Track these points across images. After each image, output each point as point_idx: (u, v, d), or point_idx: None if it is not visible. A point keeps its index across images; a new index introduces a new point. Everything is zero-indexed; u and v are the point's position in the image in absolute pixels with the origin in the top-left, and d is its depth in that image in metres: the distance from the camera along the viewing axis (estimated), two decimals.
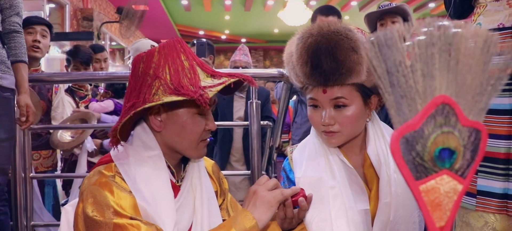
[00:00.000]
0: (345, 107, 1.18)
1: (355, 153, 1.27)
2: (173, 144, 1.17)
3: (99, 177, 1.10)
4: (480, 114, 0.58)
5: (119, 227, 1.02)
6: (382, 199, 1.19)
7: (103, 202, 1.04)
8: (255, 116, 2.36)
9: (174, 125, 1.15)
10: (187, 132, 1.15)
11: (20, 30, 2.22)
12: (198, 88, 1.07)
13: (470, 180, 0.59)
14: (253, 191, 1.13)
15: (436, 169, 0.56)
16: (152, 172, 1.13)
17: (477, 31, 0.56)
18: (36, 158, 2.99)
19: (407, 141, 0.55)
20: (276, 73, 2.44)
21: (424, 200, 0.56)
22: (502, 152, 1.62)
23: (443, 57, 0.55)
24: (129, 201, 1.07)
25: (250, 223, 1.06)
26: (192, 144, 1.17)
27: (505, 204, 1.64)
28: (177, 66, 1.10)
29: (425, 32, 0.55)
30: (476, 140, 0.58)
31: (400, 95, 0.55)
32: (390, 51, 0.54)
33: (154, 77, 1.09)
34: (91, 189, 1.08)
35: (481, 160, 1.68)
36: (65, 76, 2.81)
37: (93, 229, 1.03)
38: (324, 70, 1.13)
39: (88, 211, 1.04)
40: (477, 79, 0.57)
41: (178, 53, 1.12)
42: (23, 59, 2.20)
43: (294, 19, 9.43)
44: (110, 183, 1.08)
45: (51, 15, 7.23)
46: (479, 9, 1.71)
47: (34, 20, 2.88)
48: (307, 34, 1.17)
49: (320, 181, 1.23)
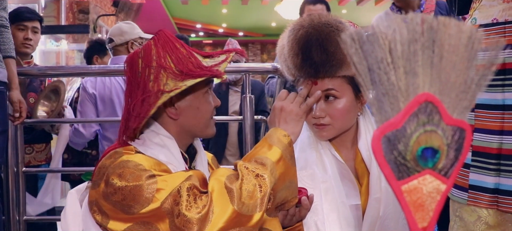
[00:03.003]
0: (336, 99, 1.18)
1: (347, 147, 1.27)
2: (191, 127, 1.20)
3: (122, 154, 1.11)
4: (464, 113, 0.57)
5: (164, 181, 1.03)
6: (372, 194, 1.20)
7: (137, 168, 1.05)
8: (249, 110, 2.35)
9: (189, 109, 1.18)
10: (202, 112, 1.19)
11: (7, 24, 2.20)
12: (204, 67, 1.12)
13: (454, 180, 0.57)
14: (280, 108, 1.16)
15: (419, 168, 0.55)
16: (170, 155, 1.15)
17: (461, 27, 0.55)
18: (28, 151, 2.97)
19: (389, 140, 0.54)
20: (270, 67, 2.44)
21: (406, 201, 0.55)
22: (494, 147, 1.62)
23: (427, 54, 0.54)
24: (162, 166, 1.09)
25: (287, 139, 1.11)
26: (207, 122, 1.22)
27: (495, 199, 1.64)
28: (177, 54, 1.13)
29: (408, 28, 0.53)
30: (460, 139, 0.56)
31: (382, 93, 0.54)
32: (371, 47, 0.53)
33: (159, 68, 1.11)
34: (117, 164, 1.07)
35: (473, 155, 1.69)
36: (57, 70, 2.79)
37: (134, 196, 1.02)
38: (315, 61, 1.14)
39: (120, 184, 1.03)
40: (461, 77, 0.55)
41: (173, 42, 1.15)
42: (12, 54, 2.18)
43: (291, 12, 9.37)
44: (137, 155, 1.10)
45: (46, 7, 7.17)
46: (475, 4, 1.71)
47: (25, 17, 2.84)
48: (298, 26, 1.18)
49: (311, 175, 1.23)
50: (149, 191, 1.02)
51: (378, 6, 10.70)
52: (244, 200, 1.02)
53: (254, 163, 1.09)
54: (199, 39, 15.71)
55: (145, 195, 1.01)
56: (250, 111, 2.35)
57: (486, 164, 1.63)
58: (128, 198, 1.02)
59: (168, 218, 1.02)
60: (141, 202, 1.01)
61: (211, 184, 1.05)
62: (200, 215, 1.00)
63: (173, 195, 1.02)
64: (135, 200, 1.02)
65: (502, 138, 1.59)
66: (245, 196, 1.02)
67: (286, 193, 1.11)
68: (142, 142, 1.16)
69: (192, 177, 1.06)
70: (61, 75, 2.87)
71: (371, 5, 10.92)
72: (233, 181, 1.05)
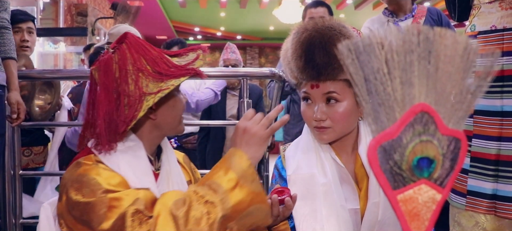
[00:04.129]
0: (337, 102, 1.19)
1: (347, 152, 1.28)
2: (166, 126, 1.21)
3: (81, 166, 1.09)
4: (460, 123, 0.57)
5: (115, 199, 1.01)
6: (371, 198, 1.20)
7: (91, 183, 1.03)
8: None
9: (167, 108, 1.19)
10: (177, 110, 1.21)
11: (9, 26, 2.20)
12: (180, 67, 1.14)
13: (449, 190, 0.58)
14: (243, 129, 1.11)
15: (414, 178, 0.55)
16: (133, 160, 1.13)
17: (456, 38, 0.55)
18: (27, 154, 2.96)
19: (385, 150, 0.54)
20: (268, 72, 2.44)
21: (402, 210, 0.55)
22: (493, 153, 1.63)
23: (422, 64, 0.54)
24: (117, 178, 1.07)
25: (246, 163, 1.05)
26: (180, 119, 1.24)
27: (493, 204, 1.65)
28: (150, 55, 1.13)
29: (404, 38, 0.53)
30: (455, 149, 0.57)
31: (378, 103, 0.54)
32: (368, 58, 0.53)
33: (136, 71, 1.10)
34: (75, 177, 1.06)
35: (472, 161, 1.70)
36: (56, 73, 2.79)
37: (88, 213, 1.00)
38: (317, 64, 1.15)
39: (77, 198, 1.02)
40: (457, 87, 0.56)
41: (144, 44, 1.15)
42: (12, 55, 2.18)
43: (289, 16, 9.40)
44: (95, 166, 1.08)
45: (45, 10, 7.18)
46: (474, 10, 1.73)
47: (18, 18, 2.83)
48: (302, 29, 1.19)
49: (312, 178, 1.23)
50: (102, 208, 1.00)
51: (376, 10, 10.74)
52: (190, 227, 0.98)
53: (206, 187, 1.04)
54: (197, 43, 15.72)
55: (98, 212, 1.00)
56: None
57: (484, 169, 1.64)
58: (85, 213, 1.01)
59: None
60: (96, 218, 1.00)
61: (157, 209, 1.01)
62: None
63: (120, 217, 0.99)
64: (91, 216, 1.00)
65: (501, 144, 1.60)
66: (192, 223, 0.98)
67: (253, 219, 1.07)
68: None
69: (138, 200, 1.02)
70: (59, 78, 2.87)
71: (369, 9, 10.96)
72: (180, 206, 1.01)
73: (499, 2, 1.60)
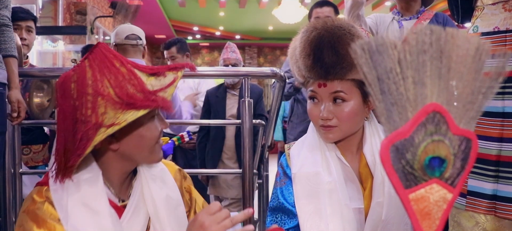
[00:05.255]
0: (344, 102, 1.19)
1: (352, 152, 1.28)
2: (132, 156, 1.08)
3: (29, 203, 1.03)
4: (471, 123, 0.57)
5: None
6: (375, 198, 1.20)
7: (26, 227, 1.00)
8: (247, 114, 2.35)
9: (132, 138, 1.05)
10: (146, 140, 1.07)
11: (9, 23, 2.19)
12: (148, 93, 0.99)
13: (460, 189, 0.58)
14: (201, 224, 1.01)
15: (426, 177, 0.56)
16: (88, 196, 1.03)
17: (468, 38, 0.55)
18: (26, 152, 2.96)
19: (397, 149, 0.54)
20: (269, 72, 2.43)
21: (413, 209, 0.56)
22: (493, 153, 1.64)
23: (435, 64, 0.54)
24: (57, 230, 1.00)
25: None
26: (152, 149, 1.09)
27: (493, 205, 1.65)
28: (116, 75, 0.98)
29: (417, 39, 0.54)
30: (466, 149, 0.57)
31: (391, 102, 0.54)
32: (381, 57, 0.54)
33: (96, 95, 0.96)
34: (21, 216, 1.03)
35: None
36: (57, 71, 2.77)
37: None
38: (326, 63, 1.16)
39: None
40: (469, 87, 0.56)
41: (111, 61, 1.00)
42: (13, 53, 2.17)
43: (289, 17, 9.41)
44: (36, 212, 1.01)
45: (44, 8, 7.16)
46: (477, 12, 1.74)
47: (19, 16, 2.83)
48: (311, 28, 1.20)
49: (317, 176, 1.24)
50: None
51: (376, 11, 10.75)
52: None
53: None
54: (196, 42, 15.71)
55: None
56: (249, 115, 2.35)
57: (485, 170, 1.65)
58: None
59: None
60: None
61: None
62: None
63: None
64: None
65: (501, 145, 1.61)
66: None
67: None
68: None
69: None
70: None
71: (368, 10, 10.97)
72: None
73: (502, 4, 1.61)
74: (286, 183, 1.31)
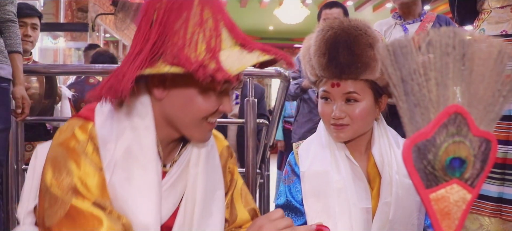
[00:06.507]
0: (356, 102, 1.21)
1: (361, 152, 1.30)
2: (173, 118, 0.95)
3: (69, 137, 0.90)
4: (491, 125, 0.58)
5: (77, 211, 0.84)
6: (382, 198, 1.21)
7: (64, 172, 0.87)
8: (251, 114, 2.35)
9: (179, 96, 0.92)
10: (193, 108, 0.92)
11: (15, 19, 2.19)
12: (211, 58, 0.83)
13: (479, 190, 0.59)
14: (259, 226, 0.94)
15: (447, 178, 0.56)
16: (136, 146, 0.92)
17: (491, 41, 0.56)
18: (28, 149, 2.96)
19: (419, 149, 0.55)
20: (273, 72, 2.44)
21: (433, 209, 0.56)
22: (499, 156, 1.64)
23: (457, 67, 0.55)
24: (96, 179, 0.89)
25: None
26: (196, 122, 0.94)
27: (499, 207, 1.66)
28: (195, 24, 0.86)
29: (441, 41, 0.55)
30: (486, 150, 0.58)
31: (414, 103, 0.55)
32: (405, 59, 0.54)
33: (168, 34, 0.86)
34: (56, 150, 0.90)
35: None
36: (61, 68, 2.78)
37: (49, 201, 0.86)
38: (341, 62, 1.17)
39: (47, 179, 0.87)
40: (490, 90, 0.57)
41: (203, 6, 0.88)
42: (18, 49, 2.17)
43: (290, 17, 9.41)
44: (79, 152, 0.89)
45: (45, 5, 7.14)
46: (483, 15, 1.74)
47: (24, 13, 2.82)
48: (328, 27, 1.21)
49: (325, 174, 1.25)
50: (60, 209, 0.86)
51: (376, 12, 10.76)
52: None
53: None
54: None
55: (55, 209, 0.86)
56: (253, 115, 2.35)
57: (490, 172, 1.66)
58: (46, 199, 0.89)
59: None
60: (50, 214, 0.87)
61: None
62: None
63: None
64: (47, 207, 0.87)
65: (507, 148, 1.61)
66: None
67: None
68: (111, 118, 0.94)
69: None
70: (64, 73, 2.86)
71: (369, 11, 10.98)
72: None
73: (510, 7, 1.61)
74: (294, 181, 1.32)
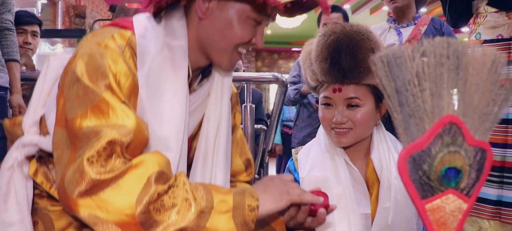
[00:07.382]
0: (358, 107, 1.21)
1: (360, 157, 1.30)
2: (208, 41, 0.98)
3: (108, 38, 0.90)
4: (486, 134, 0.58)
5: (106, 104, 0.83)
6: (381, 203, 1.21)
7: (100, 66, 0.85)
8: (250, 119, 2.35)
9: (220, 18, 0.95)
10: (231, 32, 0.95)
11: (12, 28, 2.19)
12: None
13: (475, 199, 0.59)
14: (271, 177, 0.98)
15: (442, 188, 0.56)
16: (169, 65, 0.94)
17: (485, 51, 0.56)
18: None
19: (414, 160, 0.55)
20: (271, 77, 2.44)
21: (429, 219, 0.56)
22: (498, 160, 1.65)
23: (452, 77, 0.55)
24: (129, 82, 0.89)
25: (253, 203, 0.88)
26: (228, 48, 0.97)
27: (498, 210, 1.66)
28: None
29: (435, 51, 0.55)
30: (481, 159, 0.58)
31: (409, 114, 0.55)
32: (399, 70, 0.54)
33: None
34: (92, 46, 0.88)
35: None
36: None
37: (76, 92, 0.84)
38: (343, 67, 1.17)
39: (77, 70, 0.84)
40: (484, 99, 0.57)
41: None
42: (15, 58, 2.17)
43: (288, 21, 9.42)
44: (117, 52, 0.88)
45: (43, 11, 7.15)
46: (479, 19, 1.75)
47: (25, 20, 2.83)
48: (330, 32, 1.21)
49: (325, 180, 1.24)
50: (88, 101, 0.83)
51: (373, 15, 10.76)
52: (152, 211, 0.80)
53: (200, 189, 0.87)
54: None
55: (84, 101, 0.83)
56: (251, 120, 2.35)
57: (489, 176, 1.66)
58: (76, 89, 0.86)
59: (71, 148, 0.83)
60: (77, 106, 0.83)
61: (141, 159, 0.83)
62: (97, 179, 0.77)
63: (95, 131, 0.80)
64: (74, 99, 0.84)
65: (506, 151, 1.62)
66: (157, 207, 0.80)
67: None
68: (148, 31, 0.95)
69: (126, 130, 0.82)
70: None
71: (366, 14, 10.98)
72: (161, 181, 0.82)
73: (506, 12, 1.62)
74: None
